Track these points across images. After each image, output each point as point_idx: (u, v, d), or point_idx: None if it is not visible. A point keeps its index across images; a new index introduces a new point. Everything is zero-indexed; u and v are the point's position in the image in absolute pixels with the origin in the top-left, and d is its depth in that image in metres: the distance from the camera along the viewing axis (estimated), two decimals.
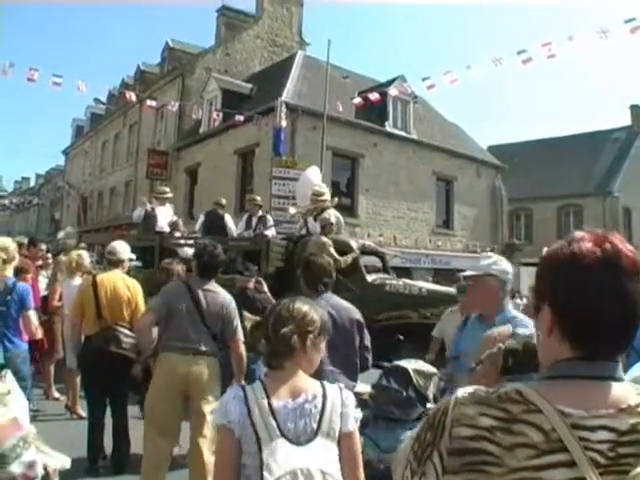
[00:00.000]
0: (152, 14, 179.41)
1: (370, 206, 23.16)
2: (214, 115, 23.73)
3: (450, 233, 26.24)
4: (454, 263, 24.71)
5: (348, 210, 21.37)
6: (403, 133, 24.96)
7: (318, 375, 3.94)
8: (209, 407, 4.50)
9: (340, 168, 22.83)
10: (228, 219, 11.31)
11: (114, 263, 6.04)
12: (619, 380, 1.16)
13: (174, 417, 4.76)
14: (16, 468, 1.84)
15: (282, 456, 2.17)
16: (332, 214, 9.87)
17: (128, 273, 6.34)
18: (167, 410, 4.67)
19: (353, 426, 2.30)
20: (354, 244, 9.98)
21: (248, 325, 2.58)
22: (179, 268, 6.40)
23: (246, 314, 2.83)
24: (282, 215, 15.60)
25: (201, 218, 11.42)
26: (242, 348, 4.87)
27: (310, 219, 10.00)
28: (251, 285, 6.88)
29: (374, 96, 19.39)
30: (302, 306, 2.46)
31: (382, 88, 22.84)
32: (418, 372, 4.81)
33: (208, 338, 4.77)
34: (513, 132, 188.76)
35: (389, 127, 24.45)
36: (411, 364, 4.89)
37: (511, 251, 28.02)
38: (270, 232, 10.92)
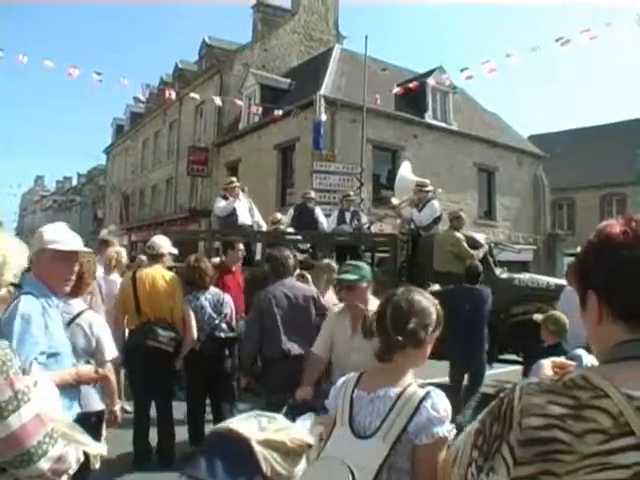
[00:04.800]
0: (188, 13, 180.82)
1: None
2: (253, 110, 23.84)
3: (492, 224, 25.89)
4: (498, 254, 24.45)
5: (390, 203, 21.28)
6: (443, 124, 24.77)
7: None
8: None
9: (380, 161, 22.74)
10: (319, 213, 11.24)
11: (154, 258, 6.05)
12: None
13: None
14: (44, 464, 1.87)
15: (338, 443, 2.23)
16: (437, 205, 9.83)
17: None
18: None
19: (430, 440, 2.09)
20: (481, 239, 9.94)
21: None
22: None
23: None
24: (327, 209, 15.47)
25: (291, 212, 11.30)
26: None
27: (414, 211, 9.92)
28: None
29: (413, 85, 19.31)
30: (421, 298, 2.37)
31: (421, 79, 22.72)
32: None
33: None
34: (554, 121, 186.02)
35: (429, 118, 24.27)
36: None
37: (554, 241, 27.65)
38: (365, 227, 11.02)
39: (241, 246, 7.94)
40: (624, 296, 1.17)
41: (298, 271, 6.28)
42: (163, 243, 6.16)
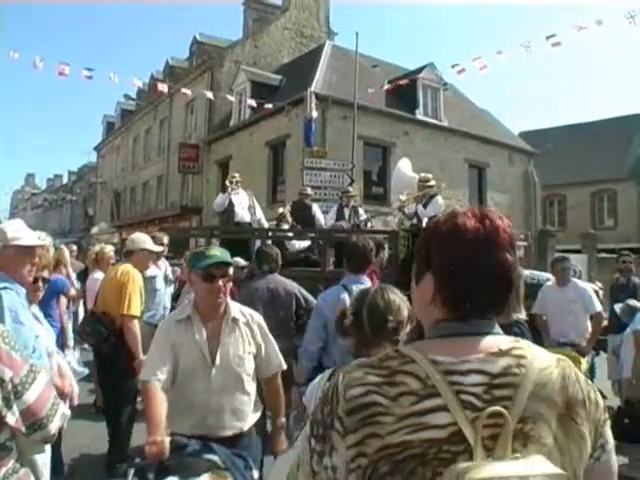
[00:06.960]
0: (179, 9, 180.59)
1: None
2: (246, 105, 23.79)
3: None
4: None
5: (380, 199, 21.36)
6: (434, 121, 24.79)
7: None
8: None
9: (371, 157, 22.77)
10: (316, 209, 11.13)
11: (126, 255, 5.99)
12: (494, 334, 1.25)
13: None
14: (53, 426, 2.06)
15: None
16: (441, 201, 9.72)
17: None
18: None
19: None
20: None
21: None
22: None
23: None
24: (323, 206, 15.35)
25: (287, 208, 11.04)
26: None
27: (420, 207, 9.82)
28: None
29: (404, 81, 19.32)
30: (395, 297, 2.42)
31: (412, 76, 22.73)
32: None
33: None
34: (545, 118, 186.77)
35: (420, 115, 24.31)
36: None
37: (545, 238, 27.72)
38: (362, 224, 10.85)
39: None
40: (460, 286, 1.25)
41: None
42: (137, 240, 6.07)
